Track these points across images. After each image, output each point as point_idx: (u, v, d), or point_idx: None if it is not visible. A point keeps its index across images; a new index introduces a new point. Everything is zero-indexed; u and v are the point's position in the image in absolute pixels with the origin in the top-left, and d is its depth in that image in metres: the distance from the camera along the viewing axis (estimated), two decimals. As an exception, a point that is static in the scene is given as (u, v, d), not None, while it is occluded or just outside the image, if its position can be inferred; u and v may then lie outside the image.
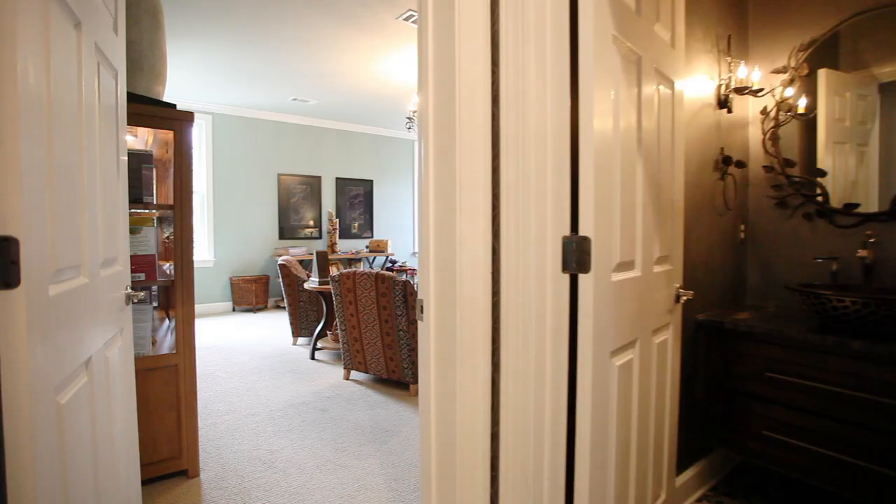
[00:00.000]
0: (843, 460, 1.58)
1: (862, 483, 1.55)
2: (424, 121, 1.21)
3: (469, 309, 1.17)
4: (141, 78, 2.20)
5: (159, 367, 2.20)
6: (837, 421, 1.60)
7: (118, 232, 1.54)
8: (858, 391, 1.54)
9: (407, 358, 3.36)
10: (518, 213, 1.12)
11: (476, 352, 1.18)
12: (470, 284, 1.16)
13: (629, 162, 1.33)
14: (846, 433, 1.58)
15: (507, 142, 1.14)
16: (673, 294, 1.66)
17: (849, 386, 1.57)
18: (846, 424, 1.58)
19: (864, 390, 1.53)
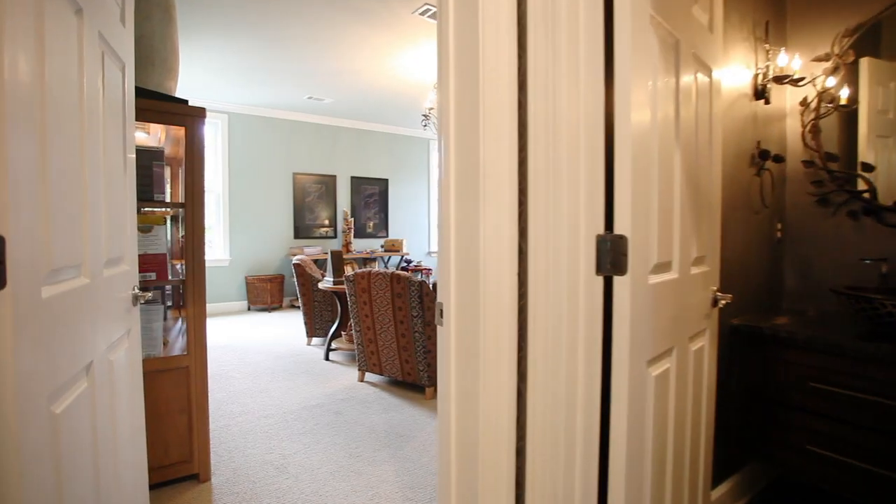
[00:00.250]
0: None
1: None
2: (445, 110, 1.12)
3: (493, 313, 1.08)
4: (152, 73, 2.16)
5: (170, 369, 2.15)
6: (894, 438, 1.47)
7: (125, 231, 1.48)
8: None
9: (423, 360, 3.28)
10: (547, 209, 1.03)
11: (500, 360, 1.08)
12: (494, 287, 1.07)
13: (667, 155, 1.22)
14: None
15: (536, 131, 1.04)
16: (710, 298, 1.54)
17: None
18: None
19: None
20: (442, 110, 1.13)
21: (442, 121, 1.14)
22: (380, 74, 5.38)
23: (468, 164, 1.09)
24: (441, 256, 1.17)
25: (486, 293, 1.07)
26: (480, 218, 1.06)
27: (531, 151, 1.05)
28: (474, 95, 1.06)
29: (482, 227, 1.06)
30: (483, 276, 1.07)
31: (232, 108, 6.63)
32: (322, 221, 7.58)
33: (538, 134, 1.04)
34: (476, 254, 1.08)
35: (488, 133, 1.05)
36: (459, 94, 1.10)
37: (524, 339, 1.10)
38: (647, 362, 1.16)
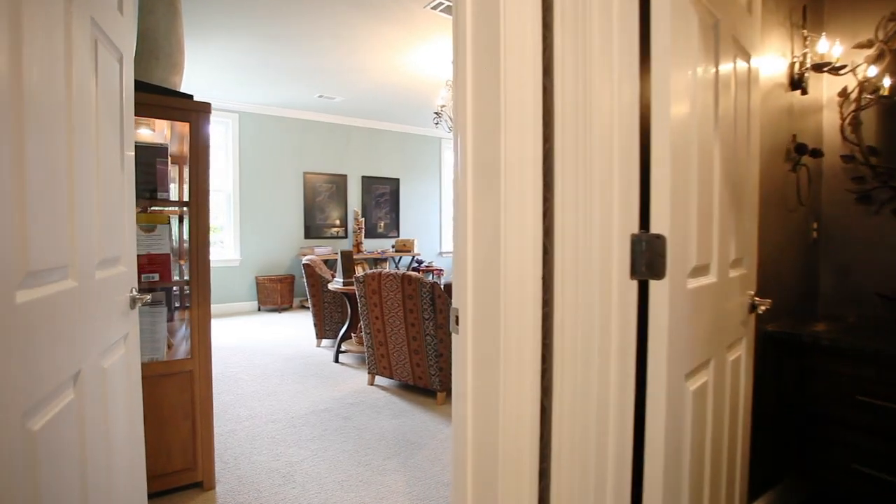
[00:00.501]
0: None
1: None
2: (461, 96, 1.02)
3: (515, 321, 0.97)
4: (156, 67, 2.09)
5: (173, 373, 2.08)
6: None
7: (122, 231, 1.40)
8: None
9: (434, 364, 3.18)
10: (577, 205, 0.92)
11: (523, 373, 0.98)
12: (516, 292, 0.97)
13: (706, 148, 1.11)
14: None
15: (563, 120, 0.94)
16: (747, 303, 1.42)
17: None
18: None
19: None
20: (458, 98, 1.03)
21: (458, 110, 1.03)
22: (391, 72, 5.30)
23: (487, 156, 0.98)
24: (457, 258, 1.07)
25: (508, 299, 0.97)
26: (502, 215, 0.95)
27: (558, 142, 0.95)
28: (494, 81, 0.96)
29: (503, 226, 0.95)
30: (504, 279, 0.96)
31: (243, 108, 6.59)
32: (333, 221, 7.52)
33: (566, 122, 0.94)
34: (496, 255, 0.97)
35: (510, 122, 0.95)
36: (477, 78, 0.99)
37: (548, 350, 0.99)
38: (684, 376, 1.05)
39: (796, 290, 2.01)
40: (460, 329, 1.07)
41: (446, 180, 8.82)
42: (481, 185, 1.00)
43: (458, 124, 1.05)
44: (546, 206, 0.99)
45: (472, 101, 1.01)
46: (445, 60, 4.90)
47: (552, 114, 0.97)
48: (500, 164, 0.96)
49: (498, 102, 0.96)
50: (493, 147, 0.97)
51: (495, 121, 0.97)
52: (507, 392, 0.99)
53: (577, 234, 0.92)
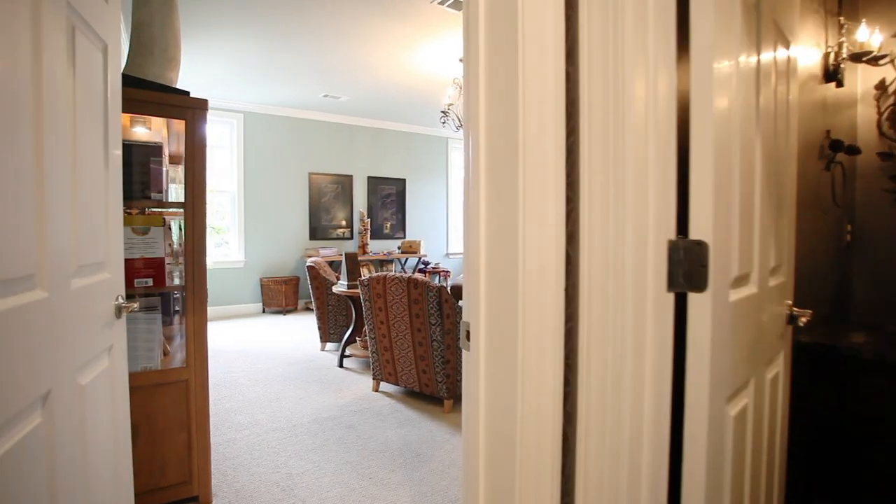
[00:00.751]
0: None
1: None
2: (472, 84, 0.91)
3: (534, 339, 0.86)
4: (151, 63, 1.99)
5: (168, 383, 1.98)
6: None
7: (107, 234, 1.30)
8: None
9: (441, 371, 3.07)
10: (606, 207, 0.80)
11: (543, 396, 0.86)
12: (536, 306, 0.85)
13: (747, 144, 0.99)
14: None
15: (590, 111, 0.82)
16: (785, 314, 1.30)
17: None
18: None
19: None
20: (470, 83, 0.92)
21: (469, 96, 0.92)
22: (397, 70, 5.20)
23: (503, 152, 0.87)
24: (468, 268, 0.96)
25: (526, 314, 0.85)
26: (520, 219, 0.84)
27: (584, 135, 0.83)
28: (510, 66, 0.84)
29: (522, 232, 0.84)
30: (522, 292, 0.85)
31: (247, 108, 6.52)
32: (338, 222, 7.43)
33: (593, 115, 0.82)
34: (513, 265, 0.86)
35: (529, 114, 0.84)
36: (491, 63, 0.88)
37: (571, 370, 0.88)
38: (725, 399, 0.93)
39: (829, 297, 1.88)
40: (472, 345, 0.96)
41: (453, 180, 8.71)
42: (496, 185, 0.89)
43: (470, 117, 0.93)
44: (569, 208, 0.87)
45: (486, 89, 0.90)
46: (453, 58, 4.79)
47: (576, 104, 0.86)
48: (518, 160, 0.84)
49: (515, 91, 0.84)
50: (510, 141, 0.86)
51: (512, 111, 0.86)
52: (525, 417, 0.87)
53: (607, 241, 0.81)
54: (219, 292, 6.36)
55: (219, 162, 6.54)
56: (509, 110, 0.86)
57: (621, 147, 0.79)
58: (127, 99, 1.85)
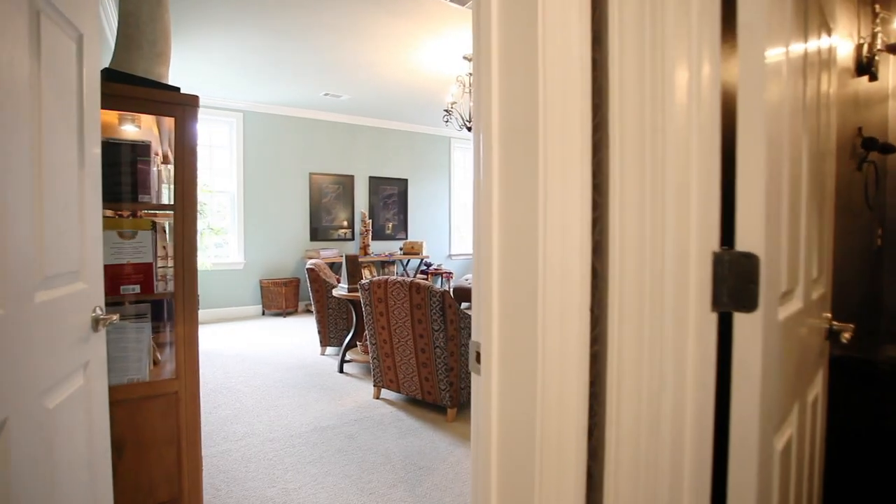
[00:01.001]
0: None
1: None
2: (484, 73, 0.79)
3: (555, 364, 0.75)
4: (139, 57, 1.89)
5: (157, 395, 1.87)
6: None
7: (82, 240, 1.19)
8: None
9: (444, 379, 2.96)
10: (641, 214, 0.69)
11: (565, 430, 0.75)
12: (557, 327, 0.74)
13: (795, 141, 0.87)
14: None
15: (620, 103, 0.71)
16: (825, 328, 1.18)
17: None
18: None
19: None
20: (479, 75, 0.80)
21: (479, 90, 0.81)
22: (399, 68, 5.09)
23: (520, 150, 0.76)
24: (478, 282, 0.84)
25: (547, 335, 0.74)
26: (540, 228, 0.73)
27: (614, 131, 0.72)
28: (529, 49, 0.73)
29: (542, 243, 0.73)
30: (543, 311, 0.74)
31: (247, 107, 6.42)
32: (339, 223, 7.33)
33: (625, 106, 0.71)
34: (532, 280, 0.75)
35: (551, 106, 0.72)
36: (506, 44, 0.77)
37: (600, 400, 0.77)
38: (773, 432, 0.81)
39: (857, 305, 1.76)
40: (482, 370, 0.85)
41: (456, 181, 8.60)
42: (511, 189, 0.78)
43: (481, 111, 0.82)
44: (595, 215, 0.76)
45: (499, 79, 0.78)
46: (456, 55, 4.68)
47: (603, 95, 0.75)
48: (538, 160, 0.73)
49: (535, 80, 0.73)
50: (528, 138, 0.75)
51: (530, 104, 0.74)
52: (545, 453, 0.76)
53: (642, 253, 0.70)
54: (218, 294, 6.27)
55: (218, 162, 6.44)
56: (527, 102, 0.75)
57: (659, 143, 0.68)
58: (112, 95, 1.75)
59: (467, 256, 8.73)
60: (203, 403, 3.29)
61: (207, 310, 6.18)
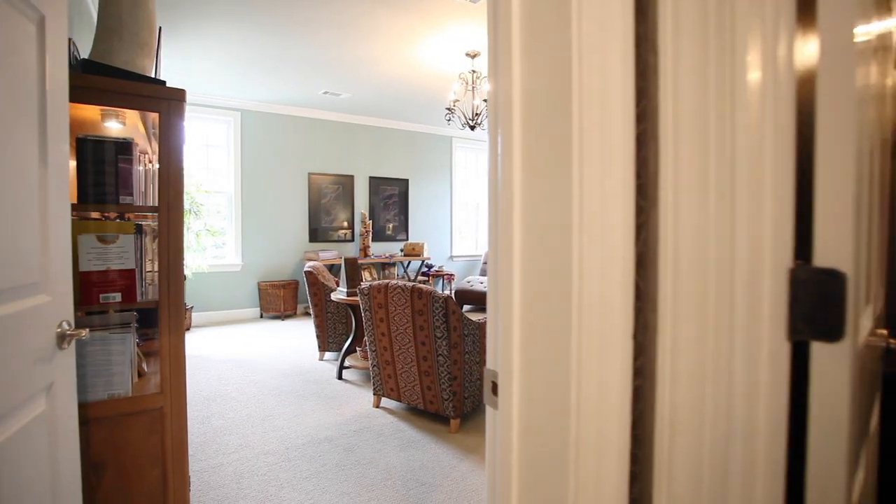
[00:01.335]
0: None
1: None
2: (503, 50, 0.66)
3: (592, 401, 0.61)
4: (120, 47, 1.76)
5: (139, 412, 1.74)
6: None
7: (45, 248, 1.06)
8: None
9: (447, 388, 2.82)
10: (703, 222, 0.56)
11: (604, 484, 0.62)
12: (595, 356, 0.61)
13: (874, 136, 0.74)
14: None
15: (675, 87, 0.58)
16: (881, 348, 1.04)
17: None
18: None
19: None
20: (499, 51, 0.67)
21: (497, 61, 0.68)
22: (400, 65, 4.96)
23: (549, 141, 0.62)
24: (494, 301, 0.71)
25: (582, 366, 0.61)
26: (575, 239, 0.59)
27: (665, 122, 0.59)
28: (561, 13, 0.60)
29: (577, 254, 0.59)
30: (577, 337, 0.61)
31: (245, 105, 6.29)
32: (339, 224, 7.20)
33: (681, 91, 0.58)
34: (564, 300, 0.61)
35: (588, 86, 0.59)
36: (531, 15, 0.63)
37: (646, 447, 0.63)
38: (852, 479, 0.68)
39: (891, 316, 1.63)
40: (501, 404, 0.72)
41: (457, 181, 8.47)
42: (537, 191, 0.64)
43: (498, 96, 0.69)
44: (638, 222, 0.63)
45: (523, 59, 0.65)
46: (458, 52, 4.55)
47: (649, 77, 0.61)
48: (572, 157, 0.60)
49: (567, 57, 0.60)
50: (558, 128, 0.61)
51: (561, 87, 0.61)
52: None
53: (704, 268, 0.56)
54: (215, 297, 6.14)
55: (215, 162, 6.32)
56: (557, 87, 0.62)
57: (727, 135, 0.55)
58: (89, 88, 1.62)
59: (469, 258, 8.60)
60: (196, 413, 3.16)
61: (204, 313, 6.05)
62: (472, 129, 4.86)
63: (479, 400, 3.03)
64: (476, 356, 2.96)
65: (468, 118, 4.87)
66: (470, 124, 4.87)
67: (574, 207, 0.60)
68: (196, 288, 5.95)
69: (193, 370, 4.09)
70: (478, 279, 7.24)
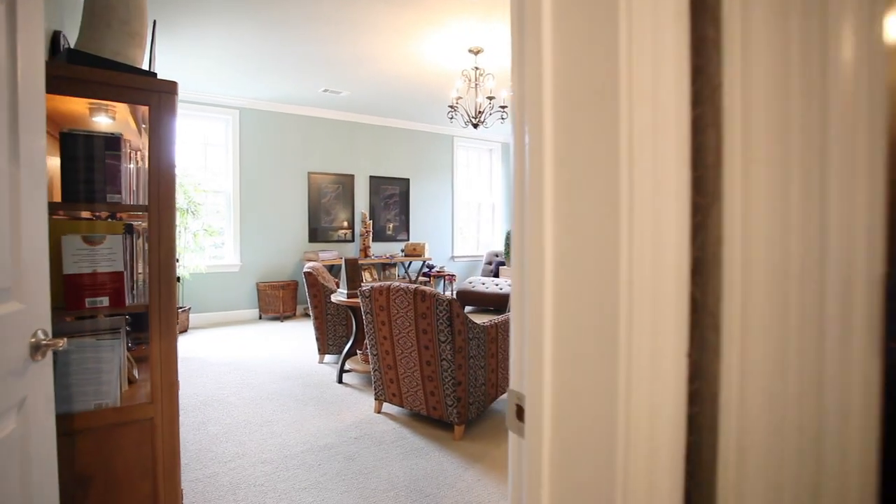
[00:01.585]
0: None
1: None
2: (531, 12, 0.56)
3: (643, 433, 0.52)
4: (108, 36, 1.66)
5: (129, 422, 1.65)
6: None
7: (18, 251, 0.97)
8: None
9: (451, 394, 2.73)
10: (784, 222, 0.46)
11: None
12: (646, 380, 0.51)
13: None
14: None
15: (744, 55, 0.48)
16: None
17: None
18: None
19: None
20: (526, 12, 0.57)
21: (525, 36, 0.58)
22: (401, 62, 4.86)
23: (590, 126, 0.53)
24: (520, 313, 0.62)
25: (633, 392, 0.51)
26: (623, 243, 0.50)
27: (734, 104, 0.49)
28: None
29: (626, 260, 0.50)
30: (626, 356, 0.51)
31: (243, 104, 6.20)
32: (339, 224, 7.10)
33: (752, 68, 0.48)
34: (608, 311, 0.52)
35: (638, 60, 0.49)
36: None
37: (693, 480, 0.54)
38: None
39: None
40: (527, 430, 0.62)
41: (459, 180, 8.37)
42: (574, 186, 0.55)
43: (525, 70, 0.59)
44: (696, 221, 0.53)
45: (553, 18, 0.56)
46: (461, 48, 4.45)
47: (708, 53, 0.52)
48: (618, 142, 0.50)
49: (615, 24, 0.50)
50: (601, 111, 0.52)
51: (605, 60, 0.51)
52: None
53: (784, 277, 0.47)
54: (213, 298, 6.05)
55: (214, 161, 6.22)
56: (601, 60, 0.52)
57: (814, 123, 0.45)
58: (74, 79, 1.52)
59: (470, 258, 8.50)
60: (191, 419, 3.07)
61: (202, 314, 5.96)
62: (475, 126, 4.76)
63: (483, 406, 2.94)
64: (481, 360, 2.87)
65: (471, 116, 4.77)
66: (473, 122, 4.78)
67: (622, 207, 0.50)
68: (194, 289, 5.85)
69: (190, 373, 3.99)
70: (479, 280, 7.15)
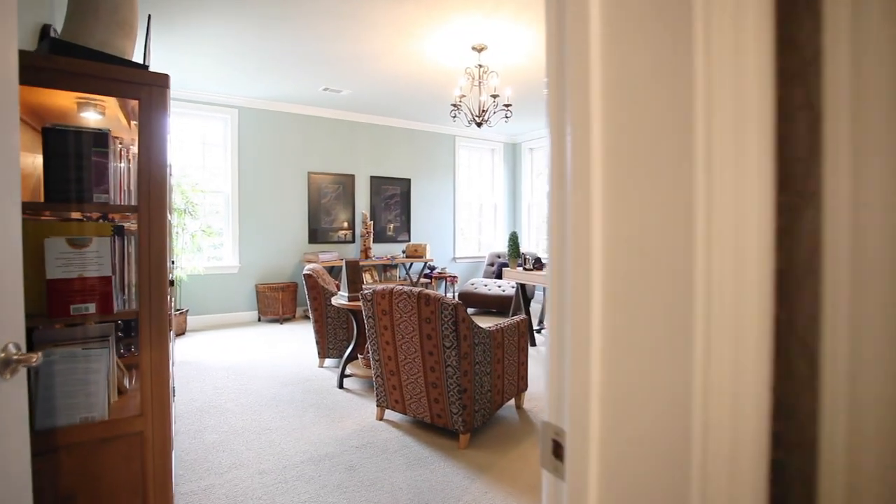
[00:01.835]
0: None
1: None
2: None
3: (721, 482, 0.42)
4: (95, 25, 1.56)
5: (118, 437, 1.55)
6: None
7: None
8: None
9: (457, 402, 2.63)
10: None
11: None
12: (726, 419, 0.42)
13: None
14: None
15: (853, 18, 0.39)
16: None
17: None
18: None
19: None
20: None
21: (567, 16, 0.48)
22: (402, 60, 4.76)
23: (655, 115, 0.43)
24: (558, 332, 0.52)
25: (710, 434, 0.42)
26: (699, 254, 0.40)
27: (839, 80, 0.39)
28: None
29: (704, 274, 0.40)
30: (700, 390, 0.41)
31: (242, 103, 6.10)
32: (340, 224, 7.00)
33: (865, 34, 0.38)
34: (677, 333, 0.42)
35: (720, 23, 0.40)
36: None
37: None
38: None
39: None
40: (568, 472, 0.52)
41: (461, 180, 8.28)
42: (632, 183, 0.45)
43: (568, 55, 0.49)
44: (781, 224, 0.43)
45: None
46: (464, 46, 4.36)
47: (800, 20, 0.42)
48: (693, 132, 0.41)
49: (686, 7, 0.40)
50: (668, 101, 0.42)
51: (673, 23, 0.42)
52: None
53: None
54: (211, 300, 5.95)
55: (212, 160, 6.13)
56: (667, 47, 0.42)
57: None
58: (56, 70, 1.43)
59: (472, 259, 8.41)
60: (188, 426, 2.97)
61: (200, 316, 5.86)
62: (479, 125, 4.67)
63: (489, 413, 2.84)
64: (487, 367, 2.77)
65: (474, 115, 4.68)
66: (476, 121, 4.68)
67: (700, 208, 0.40)
68: (192, 290, 5.75)
69: (187, 379, 3.90)
70: (482, 281, 7.05)
